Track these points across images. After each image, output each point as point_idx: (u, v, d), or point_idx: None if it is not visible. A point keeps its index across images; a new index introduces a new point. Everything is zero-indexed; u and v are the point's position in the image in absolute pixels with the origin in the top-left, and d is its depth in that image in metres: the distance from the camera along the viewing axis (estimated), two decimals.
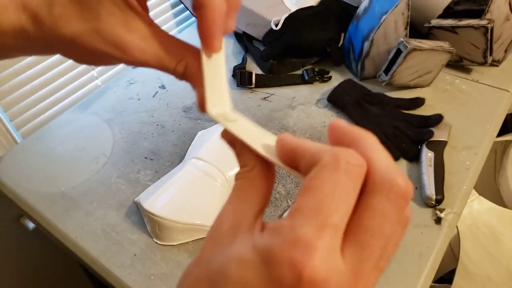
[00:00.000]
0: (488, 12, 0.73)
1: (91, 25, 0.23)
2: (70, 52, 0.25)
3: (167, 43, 0.25)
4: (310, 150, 0.18)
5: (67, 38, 0.24)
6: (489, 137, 0.68)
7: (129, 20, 0.23)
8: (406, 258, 0.53)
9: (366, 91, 0.74)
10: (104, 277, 0.54)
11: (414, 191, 0.60)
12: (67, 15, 0.23)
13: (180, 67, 0.24)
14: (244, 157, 0.21)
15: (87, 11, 0.23)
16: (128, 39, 0.23)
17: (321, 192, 0.16)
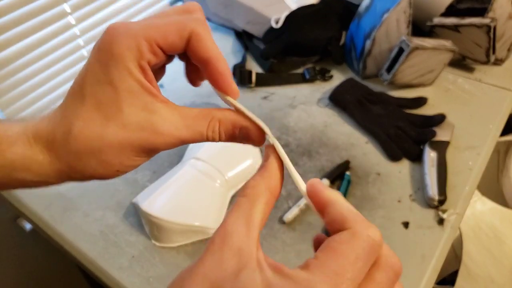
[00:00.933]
0: (491, 10, 0.73)
1: (116, 122, 0.23)
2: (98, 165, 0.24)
3: (190, 113, 0.25)
4: (342, 210, 0.21)
5: (94, 148, 0.23)
6: (492, 137, 0.67)
7: (150, 104, 0.23)
8: (408, 259, 0.52)
9: (368, 90, 0.73)
10: (102, 279, 0.53)
11: (416, 192, 0.59)
12: (89, 125, 0.23)
13: (212, 125, 0.25)
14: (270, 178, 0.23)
15: (107, 111, 0.23)
16: (155, 120, 0.23)
17: (345, 259, 0.18)
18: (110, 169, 0.24)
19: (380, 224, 0.56)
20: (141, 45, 0.23)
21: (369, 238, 0.19)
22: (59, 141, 0.23)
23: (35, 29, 0.69)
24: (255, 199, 0.21)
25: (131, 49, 0.22)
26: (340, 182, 0.60)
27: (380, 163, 0.63)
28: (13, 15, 0.65)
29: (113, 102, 0.23)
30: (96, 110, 0.23)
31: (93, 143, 0.23)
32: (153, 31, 0.23)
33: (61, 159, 0.24)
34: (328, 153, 0.65)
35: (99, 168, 0.24)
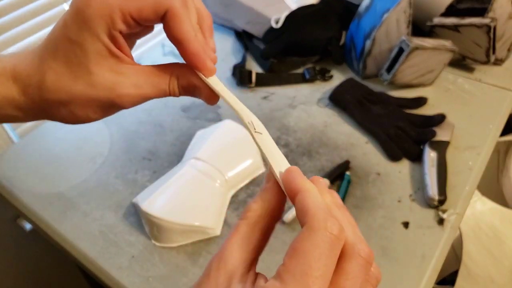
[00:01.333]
0: (491, 10, 0.73)
1: (84, 81, 0.25)
2: (66, 114, 0.26)
3: (153, 70, 0.26)
4: (306, 202, 0.21)
5: (64, 100, 0.25)
6: (492, 137, 0.67)
7: (116, 66, 0.25)
8: (408, 259, 0.52)
9: (368, 90, 0.73)
10: (102, 279, 0.53)
11: (416, 192, 0.59)
12: (60, 79, 0.25)
13: (172, 82, 0.27)
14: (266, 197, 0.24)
15: (77, 69, 0.25)
16: (120, 80, 0.25)
17: (309, 257, 0.18)
18: (78, 119, 0.27)
19: (380, 224, 0.56)
20: (114, 14, 0.24)
21: (327, 232, 0.19)
22: (34, 87, 0.25)
23: (36, 28, 0.69)
24: (255, 224, 0.22)
25: (103, 16, 0.24)
26: (340, 182, 0.60)
27: (380, 163, 0.63)
28: (13, 14, 0.65)
29: (81, 62, 0.24)
30: (67, 66, 0.25)
31: (63, 95, 0.25)
32: (129, 3, 0.24)
33: (35, 103, 0.26)
34: (328, 153, 0.65)
35: (68, 116, 0.26)
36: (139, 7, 0.24)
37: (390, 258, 0.52)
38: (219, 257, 0.21)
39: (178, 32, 0.25)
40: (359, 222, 0.56)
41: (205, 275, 0.21)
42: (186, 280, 0.51)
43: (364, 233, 0.55)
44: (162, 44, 0.89)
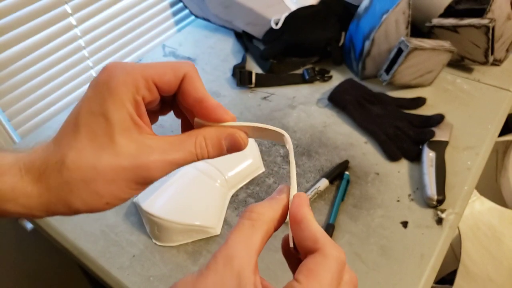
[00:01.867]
0: (490, 11, 0.73)
1: (109, 152, 0.23)
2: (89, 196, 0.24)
3: (177, 136, 0.26)
4: (315, 231, 0.23)
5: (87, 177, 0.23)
6: (490, 137, 0.67)
7: (139, 136, 0.24)
8: (407, 258, 0.52)
9: (367, 90, 0.74)
10: (103, 278, 0.53)
11: (415, 192, 0.60)
12: (82, 155, 0.23)
13: (199, 142, 0.26)
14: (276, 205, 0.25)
15: (101, 141, 0.23)
16: (145, 149, 0.24)
17: (324, 280, 0.21)
18: (100, 200, 0.24)
19: (379, 223, 0.56)
20: (137, 81, 0.24)
21: (338, 259, 0.22)
22: (51, 170, 0.23)
23: (37, 30, 0.69)
24: (259, 226, 0.23)
25: (127, 84, 0.23)
26: (340, 182, 0.61)
27: (379, 163, 0.64)
28: (14, 16, 0.65)
29: (106, 133, 0.23)
30: (90, 140, 0.23)
31: (86, 172, 0.23)
32: (150, 69, 0.24)
33: (51, 190, 0.24)
34: (328, 153, 0.66)
35: (89, 199, 0.24)
36: (160, 72, 0.24)
37: (389, 257, 0.53)
38: (225, 254, 0.22)
39: (198, 91, 0.25)
40: (358, 222, 0.57)
41: (210, 270, 0.21)
42: None
43: (363, 232, 0.55)
44: (163, 45, 0.89)
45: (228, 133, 0.26)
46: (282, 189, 0.26)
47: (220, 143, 0.26)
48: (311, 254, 0.23)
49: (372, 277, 0.51)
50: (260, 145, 0.67)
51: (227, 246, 0.22)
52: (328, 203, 0.59)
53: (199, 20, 0.95)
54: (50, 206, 0.24)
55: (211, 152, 0.26)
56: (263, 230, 0.23)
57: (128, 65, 0.24)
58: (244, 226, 0.23)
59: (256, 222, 0.23)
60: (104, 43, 0.82)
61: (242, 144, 0.27)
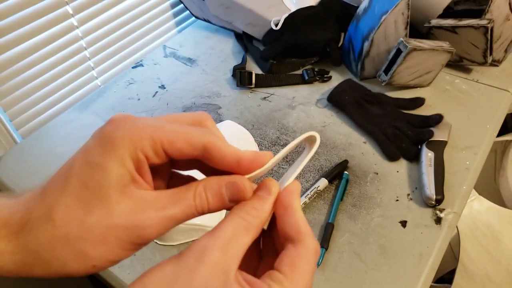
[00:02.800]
0: (488, 12, 0.73)
1: (101, 209, 0.21)
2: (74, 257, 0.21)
3: (176, 189, 0.23)
4: (300, 221, 0.23)
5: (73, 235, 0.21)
6: (489, 137, 0.68)
7: (136, 192, 0.22)
8: (406, 258, 0.53)
9: (366, 91, 0.74)
10: (104, 277, 0.54)
11: (414, 191, 0.60)
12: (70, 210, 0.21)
13: (199, 194, 0.23)
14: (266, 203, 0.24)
15: (92, 197, 0.21)
16: (141, 205, 0.22)
17: (307, 272, 0.22)
18: (86, 262, 0.21)
19: (378, 223, 0.57)
20: (144, 140, 0.22)
21: (316, 251, 0.23)
22: (32, 225, 0.21)
23: (38, 30, 0.69)
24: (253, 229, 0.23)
25: (132, 139, 0.21)
26: (339, 181, 0.61)
27: (378, 163, 0.64)
28: (16, 16, 0.65)
29: (100, 186, 0.21)
30: (81, 193, 0.21)
31: (73, 229, 0.21)
32: (161, 132, 0.22)
33: (28, 248, 0.21)
34: (327, 153, 0.66)
35: (73, 261, 0.21)
36: (172, 138, 0.22)
37: (388, 257, 0.53)
38: (217, 252, 0.21)
39: (228, 158, 0.23)
40: (357, 221, 0.57)
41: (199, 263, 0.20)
42: None
43: (362, 232, 0.56)
44: (164, 45, 0.90)
45: (228, 180, 0.23)
46: (269, 187, 0.24)
47: (220, 191, 0.23)
48: (291, 243, 0.23)
49: (371, 276, 0.51)
50: (260, 145, 0.67)
51: (219, 241, 0.21)
52: (328, 203, 0.59)
53: (199, 21, 0.95)
54: (24, 267, 0.21)
55: (211, 202, 0.23)
56: (255, 234, 0.23)
57: (138, 121, 0.22)
58: (238, 225, 0.22)
59: (252, 224, 0.22)
60: (105, 44, 0.82)
61: (244, 193, 0.23)
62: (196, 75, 0.82)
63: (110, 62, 0.85)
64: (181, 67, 0.84)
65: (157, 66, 0.85)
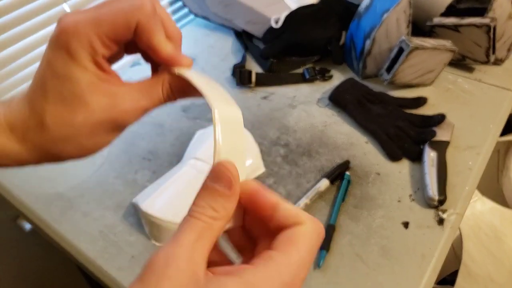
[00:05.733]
0: (491, 10, 0.73)
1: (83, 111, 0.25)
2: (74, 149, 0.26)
3: (145, 83, 0.27)
4: (293, 208, 0.23)
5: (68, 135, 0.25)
6: (492, 137, 0.67)
7: (109, 89, 0.26)
8: (408, 259, 0.52)
9: (367, 90, 0.73)
10: (102, 279, 0.53)
11: (416, 192, 0.59)
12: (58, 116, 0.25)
13: (165, 88, 0.27)
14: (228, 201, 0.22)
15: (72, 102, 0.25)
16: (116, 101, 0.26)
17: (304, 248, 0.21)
18: (87, 149, 0.26)
19: (380, 223, 0.56)
20: (93, 42, 0.24)
21: (319, 233, 0.22)
22: (33, 132, 0.25)
23: (35, 29, 0.69)
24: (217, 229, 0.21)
25: (85, 47, 0.24)
26: (340, 182, 0.60)
27: (380, 163, 0.63)
28: (13, 14, 0.65)
29: (75, 95, 0.24)
30: (61, 103, 0.24)
31: (66, 131, 0.25)
32: (103, 26, 0.24)
33: (38, 147, 0.25)
34: (328, 153, 0.65)
35: (76, 150, 0.26)
36: (113, 26, 0.24)
37: (390, 258, 0.52)
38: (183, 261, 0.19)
39: (150, 42, 0.26)
40: (359, 222, 0.56)
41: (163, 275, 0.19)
42: None
43: (364, 233, 0.55)
44: None
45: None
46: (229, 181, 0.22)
47: (183, 85, 0.27)
48: (289, 228, 0.22)
49: (373, 278, 0.51)
50: (260, 145, 0.66)
51: (183, 249, 0.20)
52: (329, 204, 0.58)
53: (198, 19, 0.94)
54: (41, 158, 0.26)
55: (177, 96, 0.28)
56: (220, 231, 0.22)
57: (81, 22, 0.24)
58: (201, 228, 0.21)
59: (215, 225, 0.21)
60: None
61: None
62: None
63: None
64: None
65: None
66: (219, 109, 0.24)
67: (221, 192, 0.22)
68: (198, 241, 0.20)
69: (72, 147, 0.26)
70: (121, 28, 0.24)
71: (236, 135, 0.25)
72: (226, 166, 0.22)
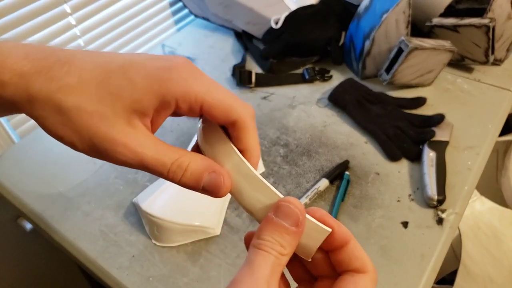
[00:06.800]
0: (490, 10, 0.73)
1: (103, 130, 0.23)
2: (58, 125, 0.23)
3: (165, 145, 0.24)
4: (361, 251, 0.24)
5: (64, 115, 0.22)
6: (491, 137, 0.67)
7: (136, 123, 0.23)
8: (407, 259, 0.52)
9: (367, 90, 0.73)
10: (102, 279, 0.53)
11: (416, 192, 0.60)
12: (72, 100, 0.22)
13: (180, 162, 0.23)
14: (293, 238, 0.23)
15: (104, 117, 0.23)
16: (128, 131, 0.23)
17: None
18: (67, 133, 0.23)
19: (379, 223, 0.56)
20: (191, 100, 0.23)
21: (376, 282, 0.24)
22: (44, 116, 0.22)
23: (36, 29, 0.69)
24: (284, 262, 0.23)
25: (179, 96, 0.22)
26: (340, 182, 0.61)
27: (379, 163, 0.64)
28: (13, 15, 0.65)
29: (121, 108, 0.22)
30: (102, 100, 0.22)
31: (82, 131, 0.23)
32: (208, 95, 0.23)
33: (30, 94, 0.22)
34: (328, 153, 0.65)
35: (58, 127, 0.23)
36: (213, 105, 0.23)
37: (389, 257, 0.52)
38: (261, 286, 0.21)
39: (247, 143, 0.25)
40: (359, 222, 0.56)
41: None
42: (186, 280, 0.51)
43: (363, 232, 0.55)
44: (162, 44, 0.89)
45: (215, 169, 0.23)
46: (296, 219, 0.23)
47: (202, 175, 0.23)
48: (356, 272, 0.24)
49: None
50: (260, 145, 0.66)
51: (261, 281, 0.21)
52: (328, 203, 0.59)
53: (198, 20, 0.94)
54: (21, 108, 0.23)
55: (186, 177, 0.23)
56: (284, 265, 0.23)
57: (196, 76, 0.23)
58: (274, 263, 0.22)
59: (284, 260, 0.22)
60: (103, 42, 0.81)
61: (220, 188, 0.23)
62: None
63: None
64: None
65: None
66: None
67: (289, 230, 0.22)
68: (272, 276, 0.22)
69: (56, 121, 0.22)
70: (218, 111, 0.23)
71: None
72: (294, 203, 0.23)
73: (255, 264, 0.21)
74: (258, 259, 0.22)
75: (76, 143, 0.23)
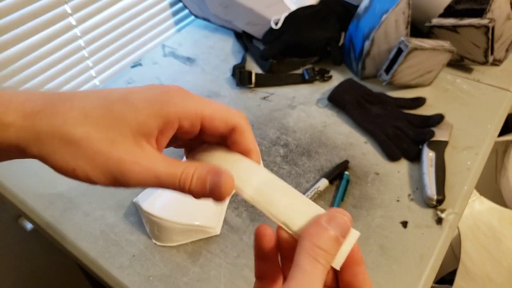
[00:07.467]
0: (489, 11, 0.73)
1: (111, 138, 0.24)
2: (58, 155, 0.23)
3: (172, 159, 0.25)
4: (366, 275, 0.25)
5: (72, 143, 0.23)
6: (490, 137, 0.67)
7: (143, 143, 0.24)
8: (407, 258, 0.52)
9: (366, 90, 0.74)
10: (103, 278, 0.53)
11: (415, 191, 0.60)
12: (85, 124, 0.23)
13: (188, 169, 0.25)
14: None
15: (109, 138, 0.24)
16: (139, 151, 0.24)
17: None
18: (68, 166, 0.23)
19: (379, 223, 0.56)
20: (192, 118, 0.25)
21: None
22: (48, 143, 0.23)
23: (36, 30, 0.69)
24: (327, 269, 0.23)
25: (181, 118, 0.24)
26: (339, 182, 0.61)
27: (379, 163, 0.64)
28: (14, 16, 0.65)
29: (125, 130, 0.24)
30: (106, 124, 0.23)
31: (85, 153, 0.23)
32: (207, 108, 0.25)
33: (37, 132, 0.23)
34: (327, 153, 0.66)
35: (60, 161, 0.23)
36: (212, 116, 0.25)
37: (389, 257, 0.53)
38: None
39: (248, 144, 0.27)
40: (358, 222, 0.56)
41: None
42: (186, 279, 0.52)
43: (362, 232, 0.55)
44: (163, 45, 0.89)
45: (217, 171, 0.25)
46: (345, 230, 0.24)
47: (206, 179, 0.25)
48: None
49: (371, 277, 0.51)
50: (260, 145, 0.67)
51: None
52: (328, 203, 0.59)
53: (199, 20, 0.95)
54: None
55: (194, 182, 0.25)
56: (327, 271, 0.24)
57: (191, 96, 0.25)
58: (323, 271, 0.23)
59: (328, 265, 0.23)
60: (104, 43, 0.81)
61: (221, 187, 0.24)
62: (196, 75, 0.82)
63: (108, 61, 0.85)
64: (180, 66, 0.84)
65: (156, 66, 0.84)
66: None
67: (339, 240, 0.24)
68: (322, 280, 0.23)
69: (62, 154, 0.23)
70: (219, 120, 0.25)
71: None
72: (346, 214, 0.25)
73: (314, 277, 0.22)
74: (316, 272, 0.23)
75: (89, 172, 0.24)
